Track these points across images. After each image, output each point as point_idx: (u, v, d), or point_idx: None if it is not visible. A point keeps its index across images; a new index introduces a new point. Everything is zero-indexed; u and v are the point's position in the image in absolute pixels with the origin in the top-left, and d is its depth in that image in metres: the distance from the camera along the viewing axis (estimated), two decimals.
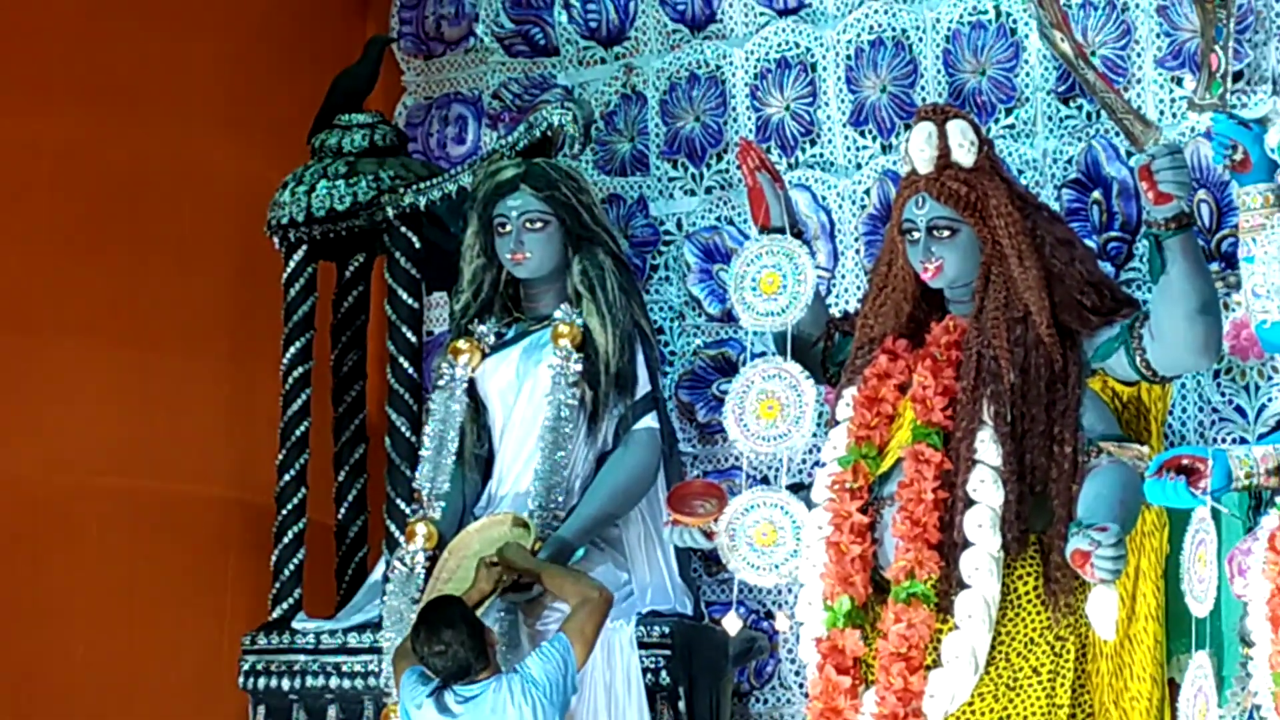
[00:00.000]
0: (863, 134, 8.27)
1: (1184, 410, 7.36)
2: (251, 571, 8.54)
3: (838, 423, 7.13)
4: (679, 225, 8.63)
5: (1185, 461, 6.23)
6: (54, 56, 8.72)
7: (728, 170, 8.49)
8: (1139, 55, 7.69)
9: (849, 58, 8.29)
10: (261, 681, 8.22)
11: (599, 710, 7.56)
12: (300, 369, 8.51)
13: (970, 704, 6.85)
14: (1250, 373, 7.25)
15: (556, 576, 7.45)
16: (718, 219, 8.52)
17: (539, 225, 7.92)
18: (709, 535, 7.30)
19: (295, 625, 8.23)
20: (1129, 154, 7.26)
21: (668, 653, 7.67)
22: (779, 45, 8.44)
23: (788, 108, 8.43)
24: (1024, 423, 6.90)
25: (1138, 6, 7.69)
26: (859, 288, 7.83)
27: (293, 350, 8.51)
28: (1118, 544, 6.60)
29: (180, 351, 8.90)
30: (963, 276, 7.05)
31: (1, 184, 8.57)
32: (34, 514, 8.57)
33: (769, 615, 7.65)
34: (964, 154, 7.03)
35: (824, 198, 8.24)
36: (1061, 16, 7.16)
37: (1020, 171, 7.63)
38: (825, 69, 8.33)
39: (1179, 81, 7.55)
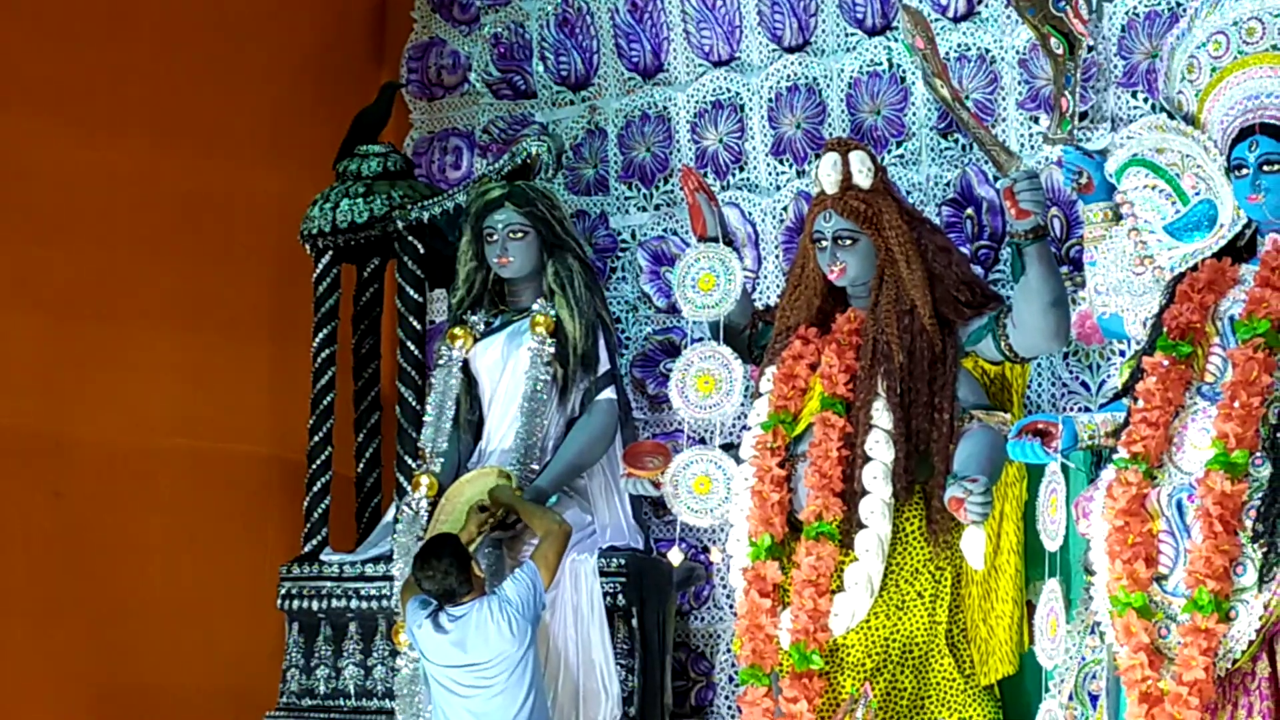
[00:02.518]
0: (781, 162, 8.26)
1: (1039, 385, 7.37)
2: (288, 514, 8.55)
3: (760, 394, 7.18)
4: (633, 235, 8.62)
5: (1040, 426, 6.27)
6: (132, 100, 8.72)
7: (672, 191, 8.48)
8: (1004, 99, 7.68)
9: (770, 100, 8.28)
10: (295, 603, 8.24)
11: (568, 626, 7.60)
12: (327, 351, 8.51)
13: (867, 621, 6.88)
14: (1093, 354, 7.26)
15: (531, 512, 7.52)
16: (664, 230, 8.52)
17: (520, 235, 7.92)
18: (657, 485, 7.36)
19: (323, 558, 8.26)
20: (995, 178, 7.25)
21: (623, 580, 7.69)
22: (714, 90, 8.43)
23: (721, 140, 8.41)
24: (910, 395, 6.94)
25: (1002, 59, 7.68)
26: (778, 286, 7.82)
27: (321, 336, 8.51)
28: (986, 492, 6.65)
29: (231, 337, 8.92)
30: (861, 277, 7.07)
31: (89, 202, 8.54)
32: (117, 468, 8.57)
33: (705, 550, 7.64)
34: (863, 178, 7.05)
35: (750, 213, 8.23)
36: (941, 68, 7.15)
37: (908, 192, 7.63)
38: (751, 109, 8.32)
39: (1036, 120, 7.54)
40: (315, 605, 8.17)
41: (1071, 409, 7.08)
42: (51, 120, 8.36)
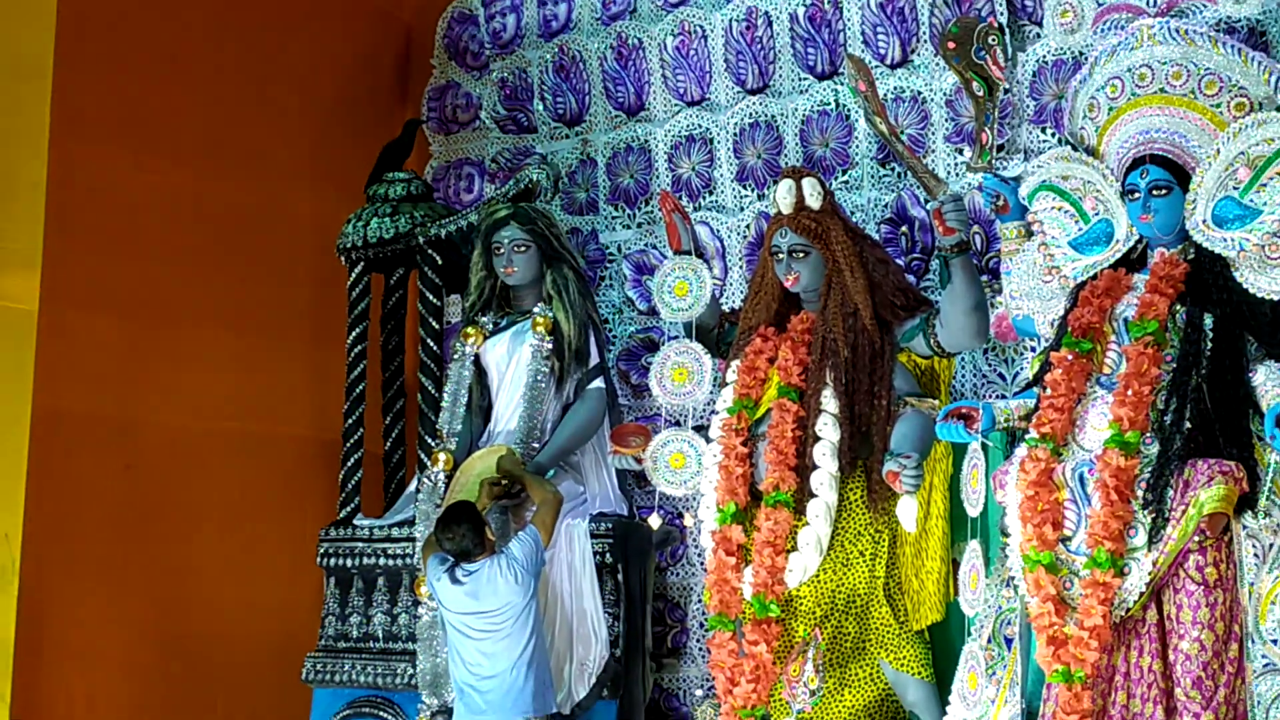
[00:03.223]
0: (745, 187, 8.26)
1: (963, 375, 7.37)
2: (325, 486, 8.53)
3: (727, 384, 7.17)
4: (619, 249, 8.62)
5: (963, 411, 6.29)
6: (192, 133, 8.68)
7: (652, 212, 8.48)
8: (933, 134, 7.69)
9: (735, 135, 8.27)
10: (332, 561, 8.21)
11: (564, 580, 7.60)
12: (359, 347, 8.49)
13: (817, 576, 6.88)
14: (1008, 350, 7.27)
15: (532, 482, 7.50)
16: (645, 245, 8.52)
17: (523, 249, 7.91)
18: (639, 460, 7.37)
19: (355, 522, 8.24)
20: (926, 201, 7.26)
21: (610, 541, 7.68)
22: (687, 126, 8.42)
23: (693, 169, 8.40)
24: (853, 384, 6.94)
25: (932, 100, 7.68)
26: (741, 292, 7.82)
27: (354, 334, 8.49)
28: (917, 467, 6.64)
29: (277, 335, 8.90)
30: (812, 284, 7.07)
31: (155, 220, 8.49)
32: (179, 447, 8.53)
33: (680, 515, 7.62)
34: (814, 200, 7.05)
35: (718, 230, 8.23)
36: (880, 107, 7.15)
37: (852, 212, 7.63)
38: (719, 143, 8.32)
39: (960, 151, 7.54)
40: (349, 563, 8.15)
41: (990, 396, 7.09)
42: (123, 150, 8.33)
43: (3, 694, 7.03)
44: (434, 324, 8.36)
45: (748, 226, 8.19)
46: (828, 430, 6.87)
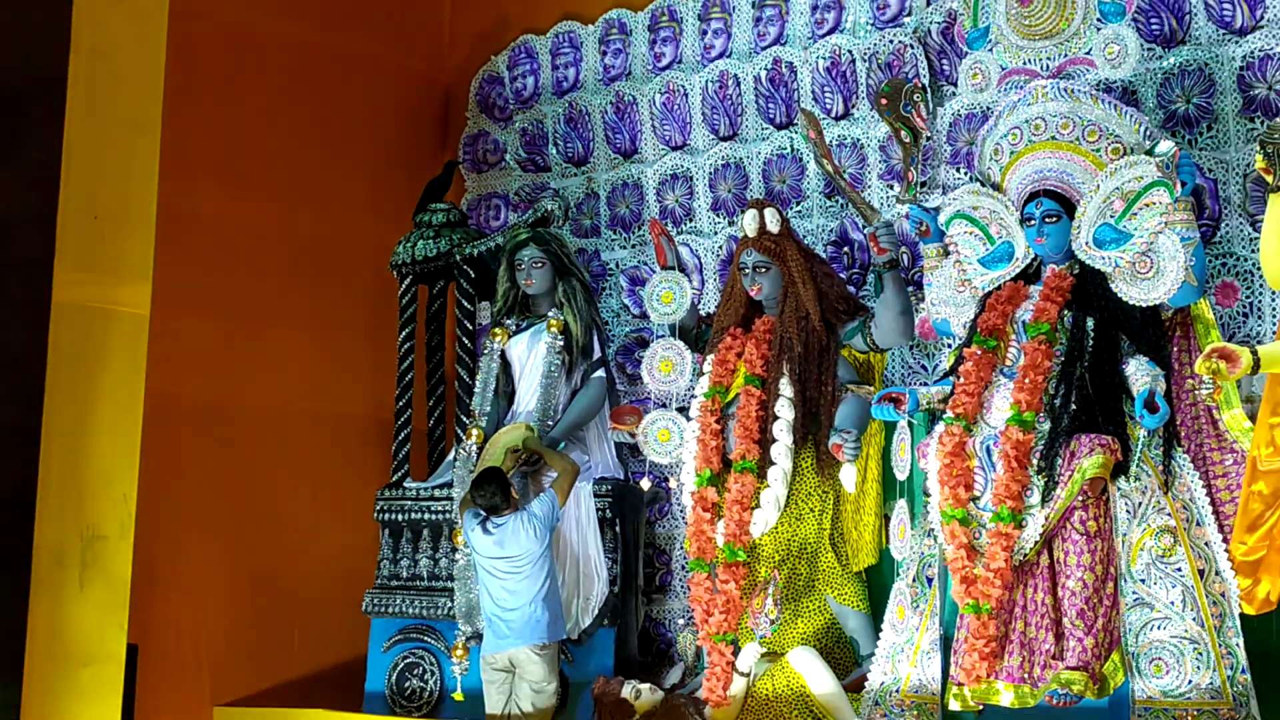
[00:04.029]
0: (718, 215, 8.25)
1: (893, 367, 7.37)
2: (381, 455, 8.48)
3: (703, 374, 7.16)
4: (617, 265, 8.61)
5: (893, 395, 6.30)
6: (273, 171, 8.66)
7: (643, 235, 8.47)
8: (869, 173, 7.68)
9: (711, 173, 8.27)
10: (386, 516, 8.19)
11: (572, 531, 7.59)
12: (408, 344, 8.45)
13: (775, 528, 6.90)
14: (929, 346, 7.26)
15: (551, 454, 7.49)
16: (638, 262, 8.51)
17: (540, 265, 7.90)
18: (633, 435, 7.36)
19: (405, 485, 8.21)
20: (863, 227, 7.25)
21: (610, 500, 7.67)
22: (671, 166, 8.42)
23: (676, 201, 8.40)
24: (805, 374, 6.95)
25: (868, 145, 7.68)
26: (715, 300, 7.80)
27: (404, 334, 8.45)
28: (856, 440, 6.67)
29: (343, 334, 8.84)
30: (772, 294, 7.08)
31: (243, 241, 8.47)
32: (263, 424, 8.52)
33: (666, 479, 7.62)
34: (773, 226, 7.07)
35: (696, 250, 8.21)
36: (826, 151, 7.21)
37: (805, 235, 7.64)
38: (697, 179, 8.31)
39: (891, 187, 7.55)
40: (400, 517, 8.13)
41: (915, 384, 7.10)
42: (219, 186, 8.33)
43: (123, 623, 7.02)
44: (468, 325, 8.35)
45: (720, 247, 8.19)
46: (784, 411, 6.89)
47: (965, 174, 7.23)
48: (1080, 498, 5.83)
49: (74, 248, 7.01)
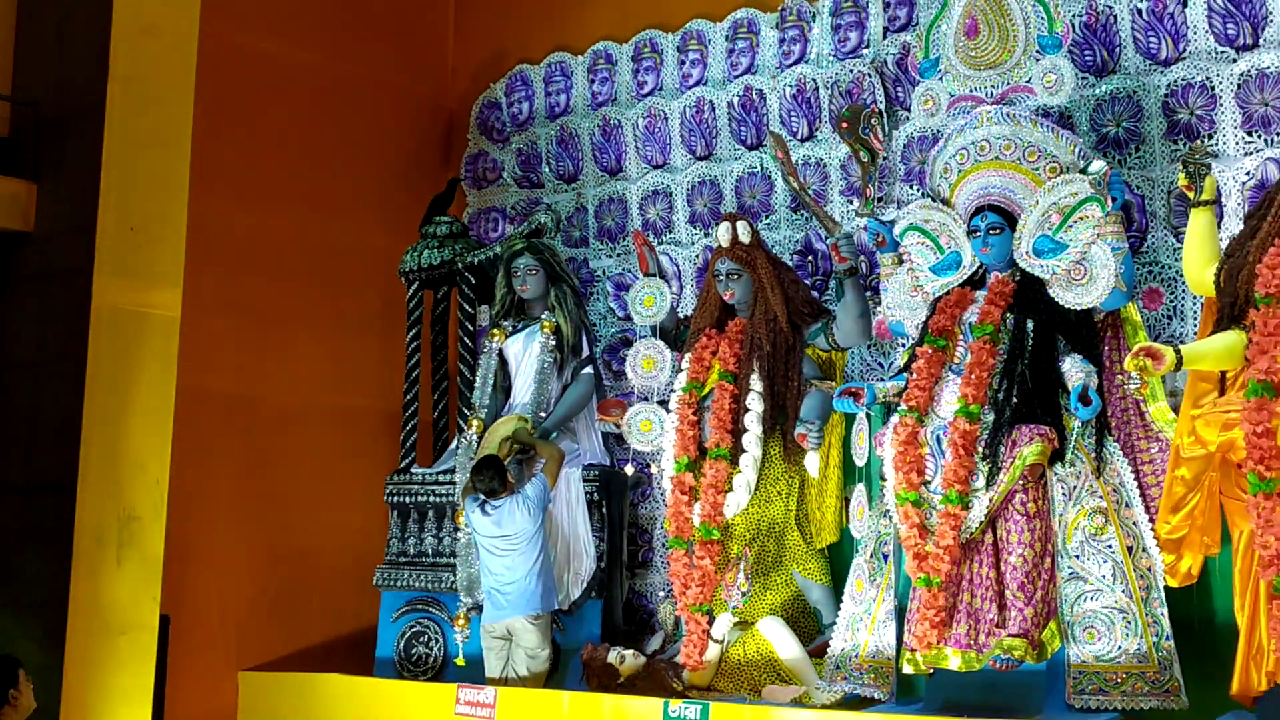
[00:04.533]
0: (694, 227, 8.22)
1: (853, 364, 7.35)
2: (390, 443, 8.46)
3: (682, 370, 7.14)
4: (604, 272, 8.57)
5: (853, 389, 6.28)
6: (292, 184, 8.65)
7: (628, 245, 8.43)
8: (831, 188, 7.65)
9: (688, 189, 8.23)
10: (395, 499, 8.14)
11: (563, 512, 7.58)
12: (415, 344, 8.40)
13: (747, 509, 6.90)
14: (886, 345, 7.25)
15: (539, 444, 7.47)
16: (623, 269, 8.47)
17: (534, 272, 7.86)
18: (619, 425, 7.33)
19: (412, 470, 8.17)
20: (826, 238, 7.23)
21: (597, 484, 7.64)
22: (653, 184, 8.38)
23: (657, 214, 8.36)
24: (773, 370, 6.95)
25: (830, 164, 7.65)
26: (692, 303, 7.78)
27: (411, 334, 8.39)
28: (820, 430, 6.67)
29: (356, 334, 8.80)
30: (744, 299, 7.07)
31: (264, 250, 8.44)
32: (284, 416, 8.50)
33: (648, 465, 7.60)
34: (745, 237, 7.06)
35: (675, 259, 8.18)
36: (793, 170, 7.19)
37: (773, 246, 7.60)
38: (676, 196, 8.27)
39: (851, 202, 7.52)
40: (407, 500, 8.09)
41: (872, 379, 7.09)
42: (244, 199, 8.32)
43: (156, 596, 7.00)
44: (469, 327, 8.31)
45: (697, 256, 8.16)
46: (754, 404, 6.87)
47: (918, 190, 7.21)
48: (1021, 482, 5.83)
49: (111, 256, 7.01)
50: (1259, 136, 6.36)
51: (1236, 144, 6.38)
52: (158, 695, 7.19)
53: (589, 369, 7.84)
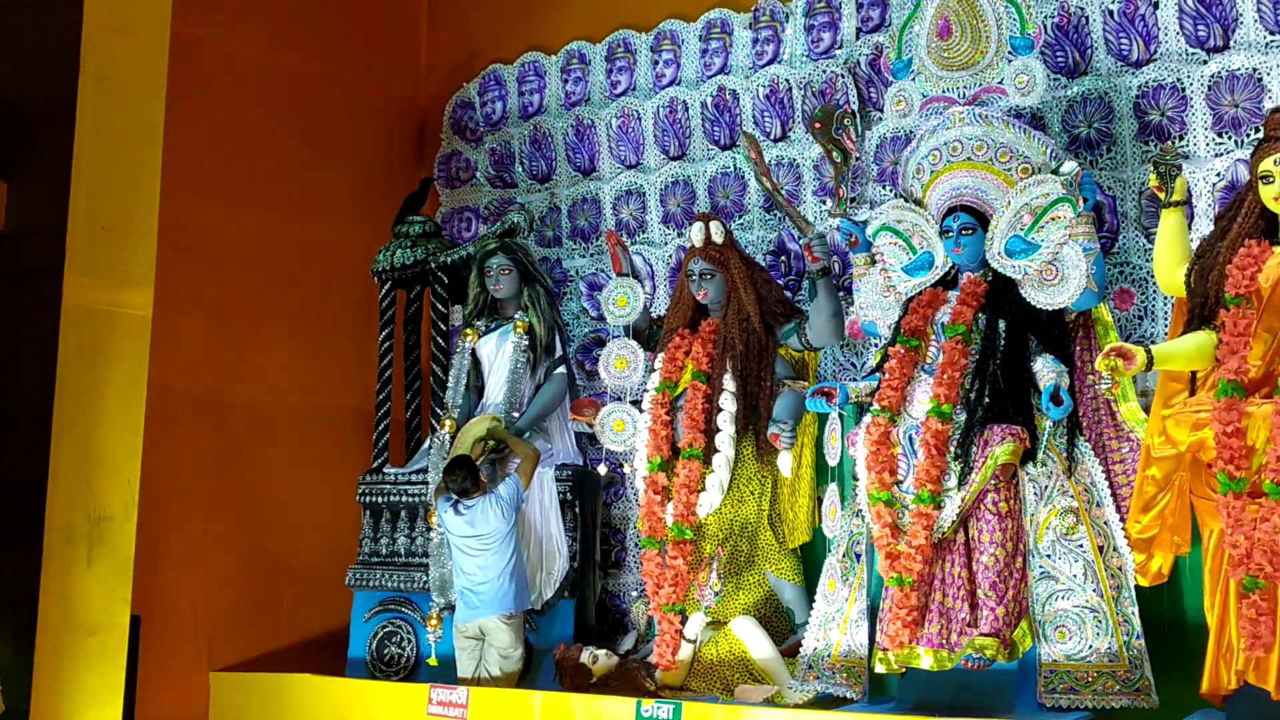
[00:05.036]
0: (668, 228, 8.23)
1: (826, 364, 7.36)
2: (363, 443, 8.44)
3: (655, 370, 7.13)
4: (577, 272, 8.57)
5: (826, 389, 6.27)
6: (266, 185, 8.64)
7: (601, 245, 8.43)
8: (805, 189, 7.66)
9: (661, 189, 8.25)
10: (368, 498, 8.13)
11: (537, 512, 7.56)
12: (388, 342, 8.38)
13: (719, 509, 6.89)
14: (858, 346, 7.26)
15: (514, 442, 7.45)
16: (596, 269, 8.47)
17: (507, 271, 7.84)
18: (591, 425, 7.31)
19: (385, 470, 8.15)
20: (799, 238, 7.24)
21: (570, 483, 7.64)
22: (626, 184, 8.39)
23: (631, 214, 8.37)
24: (746, 370, 6.94)
25: (804, 164, 7.67)
26: (665, 303, 7.78)
27: (384, 333, 8.37)
28: (792, 430, 6.67)
29: (329, 333, 8.79)
30: (717, 298, 7.06)
31: (237, 250, 8.43)
32: (257, 415, 8.49)
33: (621, 465, 7.60)
34: (718, 237, 7.05)
35: (649, 259, 8.18)
36: (765, 170, 7.19)
37: (746, 246, 7.62)
38: (649, 196, 8.29)
39: (824, 202, 7.54)
40: (380, 499, 8.07)
41: (845, 379, 7.10)
42: (217, 199, 8.30)
43: (126, 596, 6.95)
44: (442, 326, 8.28)
45: (670, 256, 8.17)
46: (728, 403, 6.86)
47: (891, 191, 7.23)
48: (993, 481, 5.84)
49: (83, 256, 6.96)
50: (1229, 138, 6.39)
51: (1207, 145, 6.41)
52: (128, 696, 7.13)
53: (562, 369, 7.82)
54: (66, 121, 7.01)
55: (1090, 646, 5.69)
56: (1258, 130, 6.23)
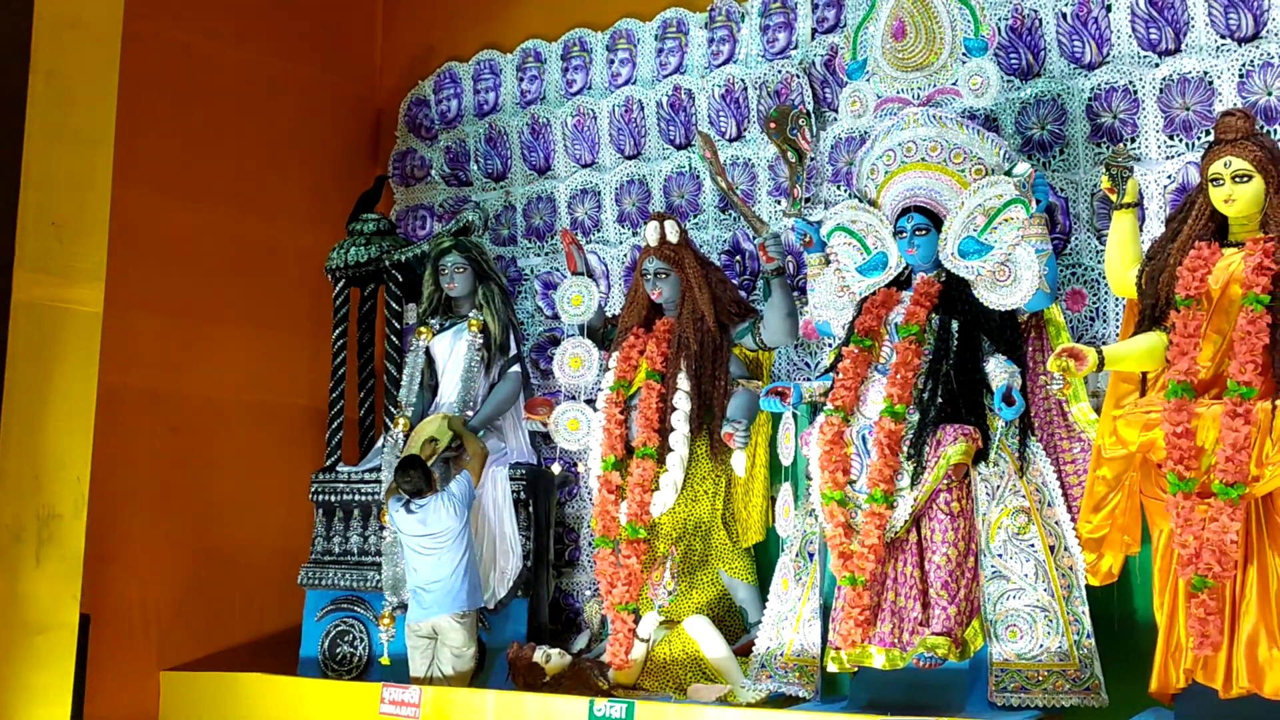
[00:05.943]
0: (623, 227, 8.22)
1: (780, 363, 7.37)
2: (316, 441, 8.41)
3: (609, 369, 7.12)
4: (532, 271, 8.55)
5: (780, 389, 6.27)
6: (218, 181, 8.60)
7: (556, 244, 8.41)
8: (759, 189, 7.67)
9: (617, 188, 8.24)
10: (320, 496, 8.09)
11: (490, 510, 7.54)
12: (341, 340, 8.36)
13: (673, 509, 6.89)
14: (812, 345, 7.26)
15: (468, 438, 7.43)
16: (551, 268, 8.46)
17: (462, 270, 7.82)
18: (545, 424, 7.30)
19: (338, 468, 8.12)
20: (753, 238, 7.24)
21: (524, 483, 7.62)
22: (582, 183, 8.38)
23: (586, 213, 8.36)
24: (700, 370, 6.94)
25: (759, 164, 7.67)
26: (620, 302, 7.77)
27: (337, 331, 8.36)
28: (746, 429, 6.66)
29: (282, 331, 8.76)
30: (672, 298, 7.07)
31: (189, 246, 8.40)
32: (210, 412, 8.45)
33: (575, 464, 7.59)
34: (673, 237, 7.04)
35: (604, 258, 8.17)
36: (721, 169, 7.20)
37: (701, 245, 7.61)
38: (604, 194, 8.28)
39: (779, 202, 7.54)
40: (332, 498, 8.03)
41: (799, 379, 7.10)
42: (169, 194, 8.27)
43: (76, 594, 6.88)
44: (396, 324, 8.25)
45: (625, 255, 8.16)
46: (681, 403, 6.86)
47: (845, 191, 7.23)
48: (945, 481, 5.85)
49: (32, 251, 6.87)
50: (1180, 140, 6.43)
51: (1158, 148, 6.44)
52: (77, 695, 7.09)
53: (516, 367, 7.81)
54: (16, 117, 6.93)
55: (1041, 646, 5.71)
56: (1208, 133, 6.26)
